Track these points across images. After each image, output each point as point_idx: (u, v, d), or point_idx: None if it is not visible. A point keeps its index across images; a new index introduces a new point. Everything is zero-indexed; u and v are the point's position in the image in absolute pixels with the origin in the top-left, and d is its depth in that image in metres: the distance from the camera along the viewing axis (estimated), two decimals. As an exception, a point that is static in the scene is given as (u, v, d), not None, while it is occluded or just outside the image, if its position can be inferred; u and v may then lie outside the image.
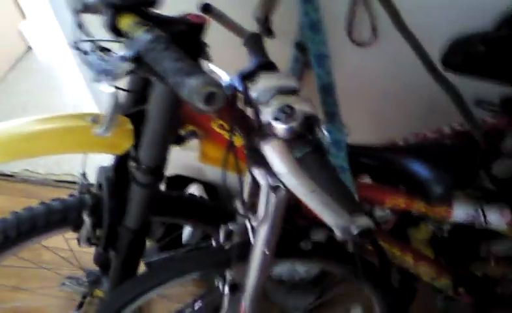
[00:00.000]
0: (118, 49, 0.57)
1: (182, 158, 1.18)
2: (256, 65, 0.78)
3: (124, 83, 0.83)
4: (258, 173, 0.61)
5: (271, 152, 0.56)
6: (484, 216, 0.87)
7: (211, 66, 0.87)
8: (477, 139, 0.79)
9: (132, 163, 0.82)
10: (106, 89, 0.58)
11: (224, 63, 0.81)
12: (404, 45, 0.74)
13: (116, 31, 0.60)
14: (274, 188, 0.63)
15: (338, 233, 0.50)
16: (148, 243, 1.56)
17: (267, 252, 0.80)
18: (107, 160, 0.91)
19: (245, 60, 0.77)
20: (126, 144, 0.82)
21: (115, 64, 0.52)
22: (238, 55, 0.83)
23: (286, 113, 0.62)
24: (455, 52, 0.78)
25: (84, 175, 0.96)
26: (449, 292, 0.99)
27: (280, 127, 0.62)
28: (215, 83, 0.48)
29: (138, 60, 0.53)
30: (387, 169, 0.84)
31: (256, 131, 0.68)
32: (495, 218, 0.87)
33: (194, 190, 1.55)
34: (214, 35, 0.82)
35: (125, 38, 0.57)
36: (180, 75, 0.47)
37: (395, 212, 0.99)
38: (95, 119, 0.81)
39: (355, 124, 1.19)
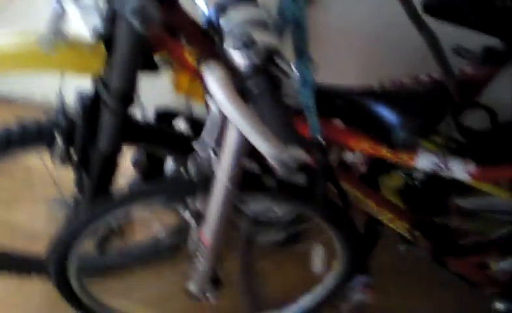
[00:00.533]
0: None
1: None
2: None
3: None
4: (212, 102, 0.62)
5: (209, 75, 0.57)
6: (447, 166, 0.88)
7: None
8: (449, 88, 0.79)
9: (102, 88, 0.83)
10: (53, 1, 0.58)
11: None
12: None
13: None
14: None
15: (270, 160, 0.52)
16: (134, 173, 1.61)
17: (228, 185, 0.83)
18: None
19: None
20: (97, 66, 0.83)
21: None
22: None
23: (244, 42, 0.62)
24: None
25: (61, 95, 0.96)
26: (406, 235, 1.02)
27: (236, 55, 0.62)
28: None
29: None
30: (355, 112, 0.85)
31: (218, 61, 0.69)
32: (458, 169, 0.88)
33: (178, 124, 1.56)
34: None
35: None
36: None
37: (367, 157, 1.01)
38: (66, 37, 0.81)
39: (339, 67, 1.19)
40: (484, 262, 1.07)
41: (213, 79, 0.58)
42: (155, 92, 1.14)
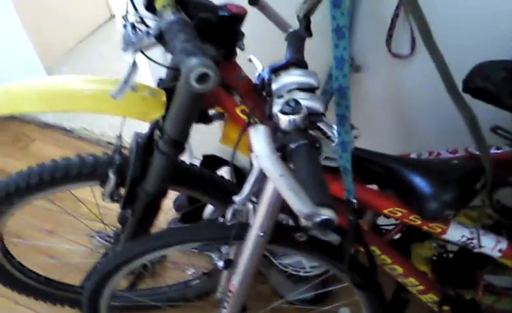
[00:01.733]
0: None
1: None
2: (288, 60, 0.86)
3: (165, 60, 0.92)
4: (254, 158, 0.68)
5: (253, 134, 0.63)
6: (479, 241, 0.89)
7: (251, 57, 0.95)
8: (484, 165, 0.82)
9: (157, 132, 0.91)
10: (128, 58, 0.66)
11: (265, 54, 0.88)
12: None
13: (152, 9, 0.68)
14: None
15: (302, 218, 0.57)
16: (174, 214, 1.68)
17: (261, 234, 0.87)
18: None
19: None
20: (157, 113, 0.91)
21: (140, 37, 0.60)
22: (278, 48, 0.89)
23: (291, 106, 0.69)
24: (475, 76, 0.81)
25: (120, 137, 1.05)
26: (435, 308, 1.02)
27: (282, 118, 0.68)
28: (209, 65, 0.55)
29: (159, 37, 0.61)
30: (390, 178, 0.88)
31: (265, 119, 0.76)
32: (489, 245, 0.89)
33: (223, 171, 1.64)
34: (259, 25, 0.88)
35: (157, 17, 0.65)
36: (182, 54, 0.54)
37: (400, 222, 1.03)
38: (133, 87, 0.91)
39: (381, 133, 1.24)
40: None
41: (257, 136, 0.64)
42: (205, 141, 1.21)
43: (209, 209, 1.50)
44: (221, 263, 0.98)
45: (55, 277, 1.43)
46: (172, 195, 1.25)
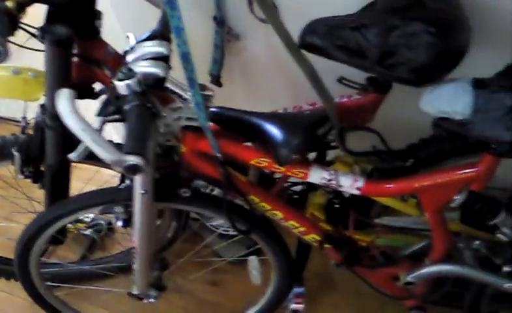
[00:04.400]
0: None
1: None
2: (151, 33, 0.94)
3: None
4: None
5: (58, 97, 0.73)
6: (338, 181, 0.99)
7: (128, 34, 1.03)
8: (329, 114, 0.91)
9: (41, 109, 1.01)
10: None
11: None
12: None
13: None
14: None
15: (110, 164, 0.67)
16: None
17: (142, 192, 0.97)
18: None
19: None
20: (39, 94, 1.01)
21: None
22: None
23: (123, 73, 0.78)
24: (306, 32, 0.89)
25: (24, 117, 1.15)
26: (316, 247, 1.12)
27: (117, 84, 0.78)
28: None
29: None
30: (253, 131, 0.98)
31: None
32: (347, 184, 0.99)
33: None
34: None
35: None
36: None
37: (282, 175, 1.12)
38: (16, 70, 1.00)
39: (269, 94, 1.30)
40: (397, 275, 1.15)
41: (60, 99, 0.73)
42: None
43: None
44: (120, 223, 1.08)
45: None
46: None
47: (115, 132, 1.44)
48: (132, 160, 0.67)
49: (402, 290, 1.17)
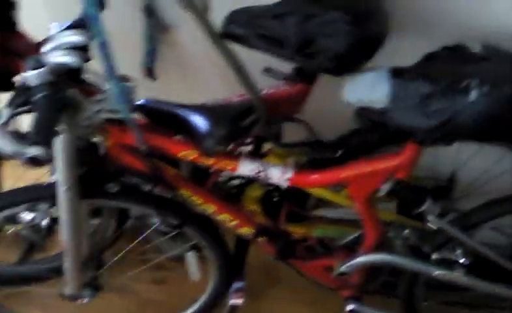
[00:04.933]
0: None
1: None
2: (71, 23, 0.91)
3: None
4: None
5: None
6: (267, 173, 0.98)
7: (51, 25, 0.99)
8: (255, 105, 0.90)
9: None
10: None
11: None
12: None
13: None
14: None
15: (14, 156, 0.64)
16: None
17: (65, 189, 0.94)
18: None
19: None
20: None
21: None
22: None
23: (33, 63, 0.75)
24: (227, 22, 0.88)
25: None
26: (251, 239, 1.11)
27: (25, 75, 0.75)
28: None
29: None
30: (180, 124, 0.96)
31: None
32: (276, 175, 0.98)
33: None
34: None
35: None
36: None
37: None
38: None
39: (207, 83, 1.28)
40: (332, 266, 1.15)
41: None
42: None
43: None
44: (44, 222, 1.04)
45: None
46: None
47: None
48: (33, 151, 0.64)
49: (337, 281, 1.18)
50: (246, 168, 0.98)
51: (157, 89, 1.21)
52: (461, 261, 1.05)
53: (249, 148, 1.09)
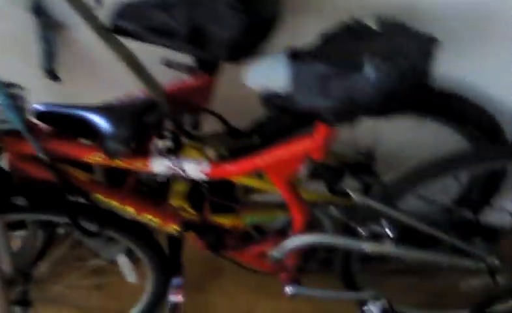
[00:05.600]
0: None
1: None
2: None
3: None
4: None
5: None
6: (182, 168, 0.95)
7: None
8: (157, 100, 0.86)
9: None
10: None
11: None
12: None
13: None
14: None
15: None
16: None
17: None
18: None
19: None
20: None
21: None
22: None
23: None
24: (115, 16, 0.83)
25: None
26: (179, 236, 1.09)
27: None
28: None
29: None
30: (82, 127, 0.91)
31: None
32: (192, 169, 0.95)
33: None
34: None
35: None
36: None
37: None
38: None
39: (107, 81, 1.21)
40: (265, 252, 1.14)
41: None
42: None
43: None
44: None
45: None
46: None
47: None
48: None
49: (274, 266, 1.17)
50: (159, 165, 0.95)
51: (65, 92, 1.15)
52: (388, 232, 1.05)
53: (167, 144, 1.05)
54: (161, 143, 0.98)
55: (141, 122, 0.87)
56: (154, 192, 1.18)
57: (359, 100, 0.75)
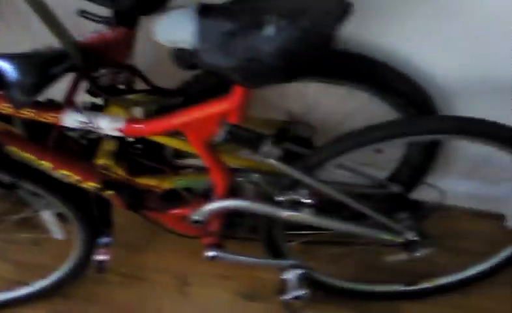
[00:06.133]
0: None
1: None
2: None
3: None
4: None
5: None
6: (97, 124, 0.93)
7: None
8: (69, 52, 0.83)
9: None
10: None
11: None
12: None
13: None
14: None
15: None
16: None
17: None
18: None
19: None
20: None
21: None
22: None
23: None
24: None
25: None
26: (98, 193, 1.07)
27: None
28: None
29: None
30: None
31: None
32: (107, 125, 0.93)
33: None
34: None
35: None
36: None
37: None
38: None
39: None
40: (186, 215, 1.14)
41: None
42: None
43: None
44: None
45: None
46: None
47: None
48: None
49: (196, 229, 1.17)
50: (71, 119, 0.93)
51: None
52: (307, 201, 1.06)
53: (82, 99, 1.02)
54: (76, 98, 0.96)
55: (46, 72, 0.84)
56: (84, 148, 1.16)
57: (261, 60, 0.74)
